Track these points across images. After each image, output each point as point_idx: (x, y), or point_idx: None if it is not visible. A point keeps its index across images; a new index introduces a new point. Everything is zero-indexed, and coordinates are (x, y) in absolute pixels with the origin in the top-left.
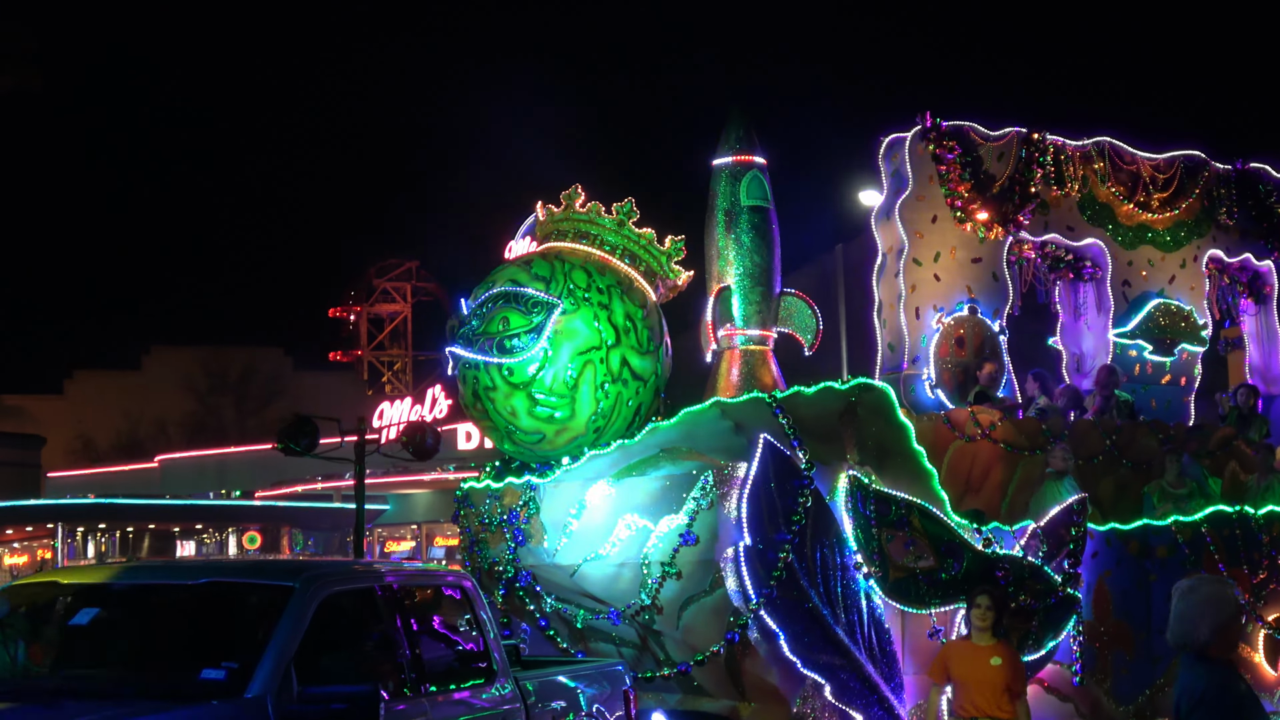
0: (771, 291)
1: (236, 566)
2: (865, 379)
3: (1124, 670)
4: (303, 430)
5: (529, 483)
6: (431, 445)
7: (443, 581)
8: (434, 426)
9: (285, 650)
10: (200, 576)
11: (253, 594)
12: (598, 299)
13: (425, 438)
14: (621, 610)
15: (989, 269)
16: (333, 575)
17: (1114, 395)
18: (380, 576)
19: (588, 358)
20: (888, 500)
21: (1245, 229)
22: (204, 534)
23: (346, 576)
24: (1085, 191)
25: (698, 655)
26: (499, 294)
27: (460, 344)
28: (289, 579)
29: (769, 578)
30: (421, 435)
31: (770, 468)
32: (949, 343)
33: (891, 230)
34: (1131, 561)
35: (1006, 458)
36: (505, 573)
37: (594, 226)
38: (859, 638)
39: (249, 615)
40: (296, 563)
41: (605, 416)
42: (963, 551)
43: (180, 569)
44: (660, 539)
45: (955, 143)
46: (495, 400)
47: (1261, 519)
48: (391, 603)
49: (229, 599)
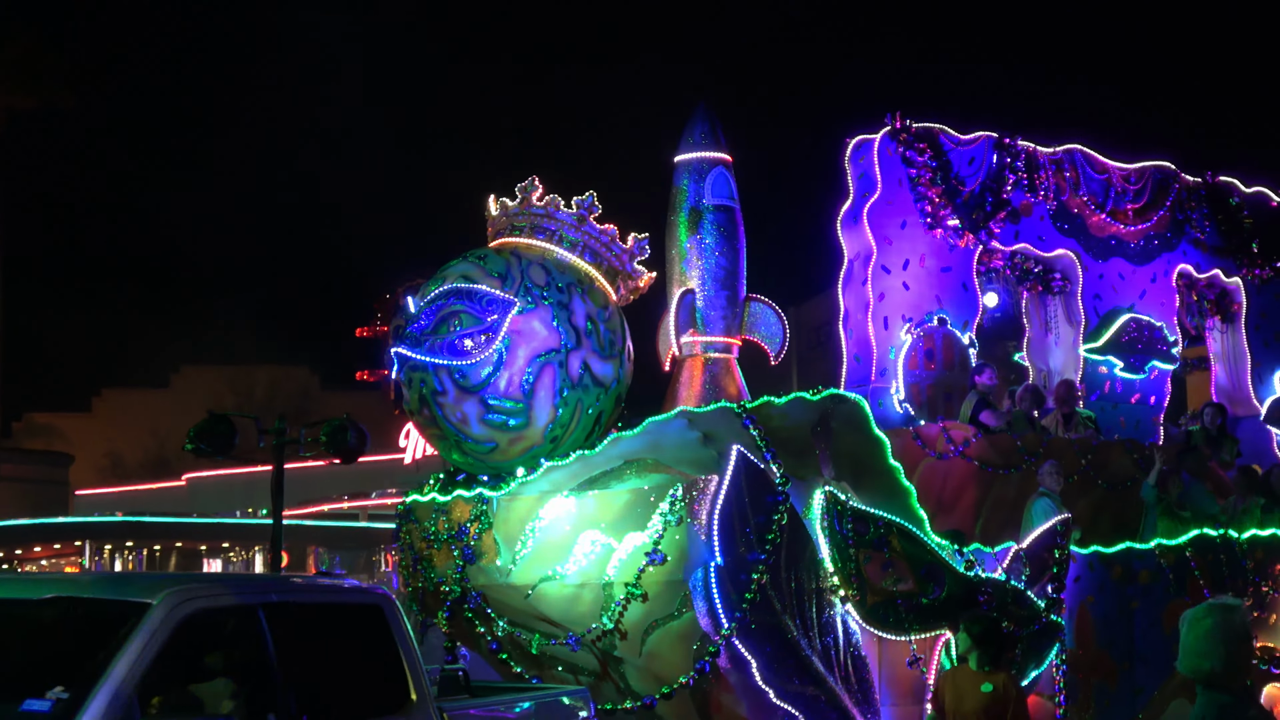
0: (737, 296)
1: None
2: (837, 390)
3: (1106, 703)
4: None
5: (480, 495)
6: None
7: (350, 599)
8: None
9: (128, 678)
10: (46, 590)
11: (101, 611)
12: (557, 298)
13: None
14: (581, 635)
15: (959, 279)
16: (204, 591)
17: (1075, 413)
18: (266, 593)
19: (546, 360)
20: (866, 519)
21: (1215, 244)
22: (230, 552)
23: (221, 593)
24: (1057, 200)
25: (664, 687)
26: (450, 291)
27: (407, 344)
28: (146, 595)
29: (741, 601)
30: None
31: (743, 482)
32: (918, 355)
33: (859, 235)
34: (1114, 587)
35: (981, 476)
36: (452, 593)
37: (552, 221)
38: (835, 666)
39: (94, 636)
40: (167, 576)
41: (563, 425)
42: (944, 575)
43: (27, 582)
44: (624, 557)
45: (926, 145)
46: (444, 406)
47: (1245, 543)
48: (280, 623)
49: (75, 617)
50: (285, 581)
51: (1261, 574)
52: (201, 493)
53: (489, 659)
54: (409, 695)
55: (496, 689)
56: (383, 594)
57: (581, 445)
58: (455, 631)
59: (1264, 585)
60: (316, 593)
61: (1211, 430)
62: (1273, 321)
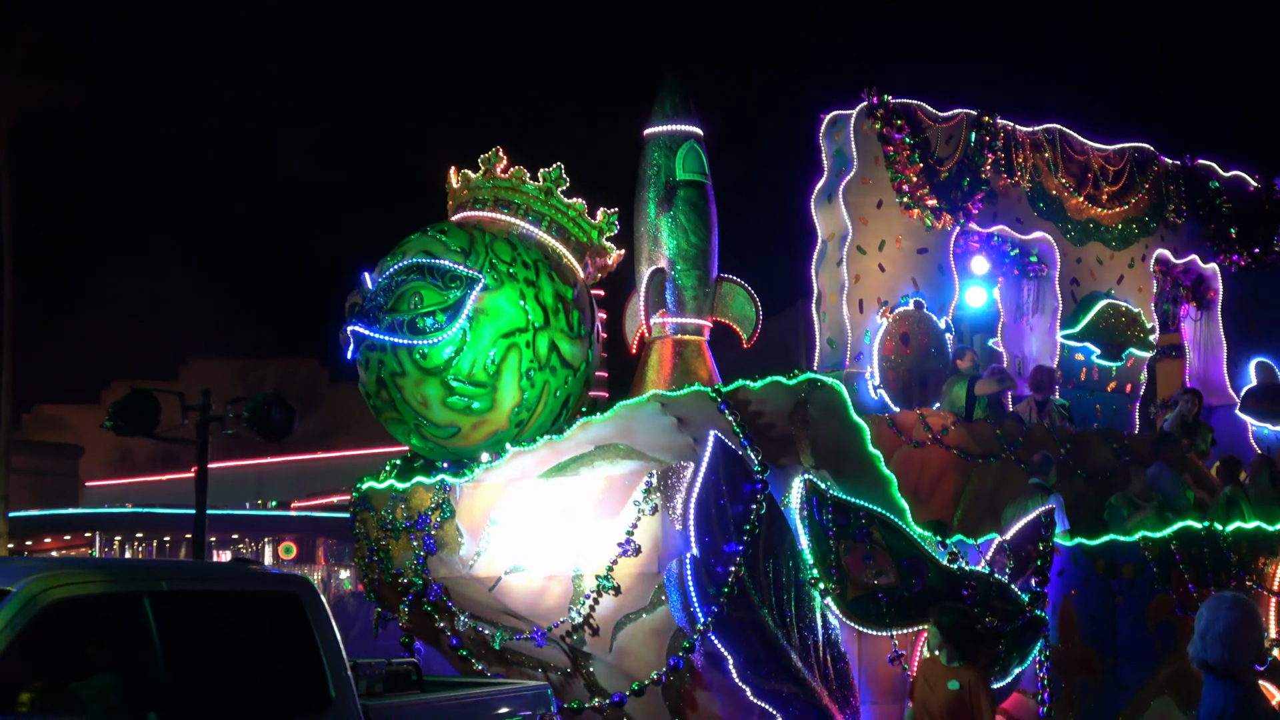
0: (709, 276)
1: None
2: (814, 374)
3: (1089, 701)
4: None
5: (442, 482)
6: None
7: (261, 586)
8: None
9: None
10: None
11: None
12: (524, 275)
13: (270, 412)
14: (548, 630)
15: (935, 261)
16: (73, 578)
17: (1050, 400)
18: (155, 580)
19: (512, 341)
20: (847, 509)
21: (1193, 229)
22: (240, 544)
23: (94, 580)
24: (1035, 182)
25: (635, 684)
26: (410, 266)
27: (363, 322)
28: (6, 581)
29: (718, 594)
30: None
31: (721, 469)
32: (893, 340)
33: (833, 215)
34: (1098, 581)
35: (959, 465)
36: (412, 585)
37: (517, 195)
38: (814, 663)
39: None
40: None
41: (530, 409)
42: (926, 567)
43: None
44: (595, 548)
45: (903, 122)
46: (404, 388)
47: (1229, 536)
48: (171, 614)
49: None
50: (181, 568)
51: (1245, 569)
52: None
53: (449, 656)
54: (327, 693)
55: (449, 684)
56: (300, 581)
57: (548, 430)
58: (414, 626)
59: (1248, 580)
60: (219, 580)
61: (1189, 418)
62: (1249, 309)
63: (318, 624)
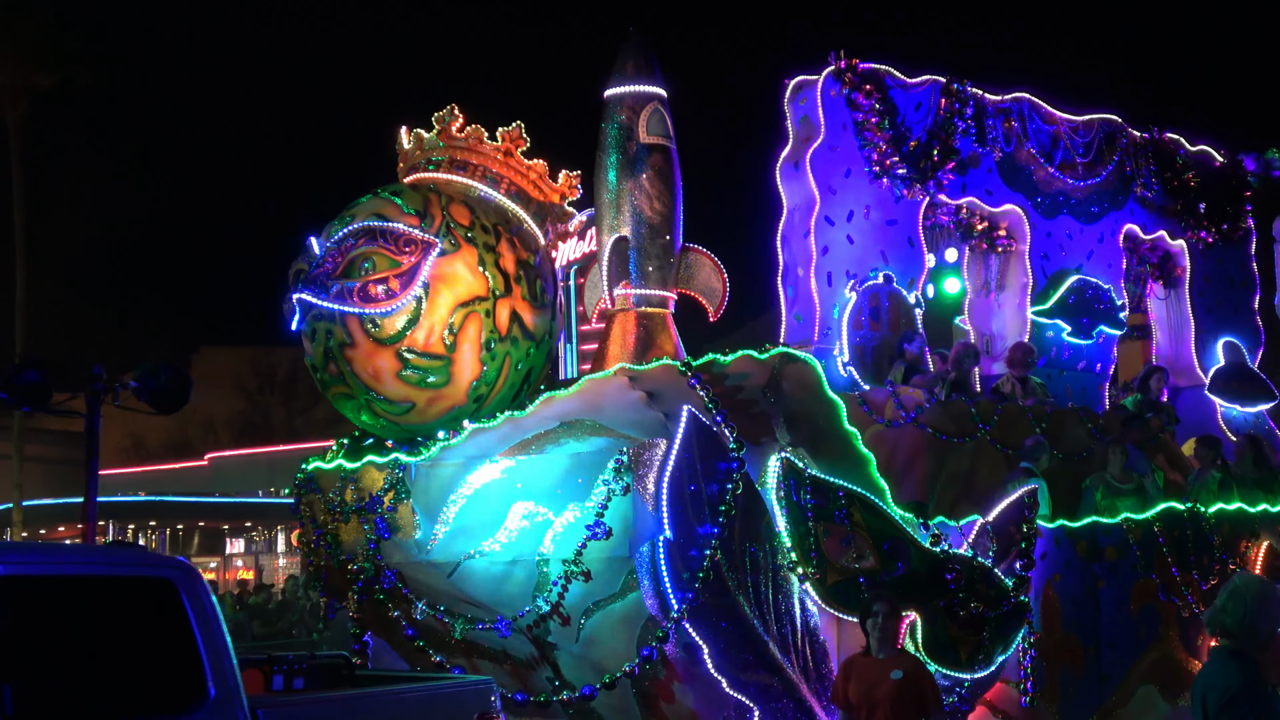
0: (673, 246)
1: None
2: (787, 348)
3: (1071, 689)
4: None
5: (396, 461)
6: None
7: (129, 571)
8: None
9: None
10: None
11: None
12: (484, 239)
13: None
14: (512, 619)
15: (904, 233)
16: None
17: (1029, 378)
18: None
19: (471, 310)
20: (826, 489)
21: (1161, 203)
22: (253, 532)
23: None
24: (1006, 152)
25: (605, 676)
26: (361, 230)
27: (311, 290)
28: None
29: (693, 580)
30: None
31: (695, 446)
32: (862, 315)
33: (800, 184)
34: (1080, 564)
35: (934, 446)
36: (363, 572)
37: (475, 155)
38: (792, 652)
39: None
40: None
41: (490, 383)
42: (909, 551)
43: None
44: (562, 531)
45: (873, 87)
46: (354, 361)
47: (1212, 519)
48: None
49: None
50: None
51: (1228, 551)
52: (224, 472)
53: (402, 648)
54: (205, 691)
55: (385, 679)
56: (177, 566)
57: (509, 405)
58: (365, 617)
59: (1230, 564)
60: (75, 563)
61: (1156, 398)
62: (1216, 287)
63: (197, 614)
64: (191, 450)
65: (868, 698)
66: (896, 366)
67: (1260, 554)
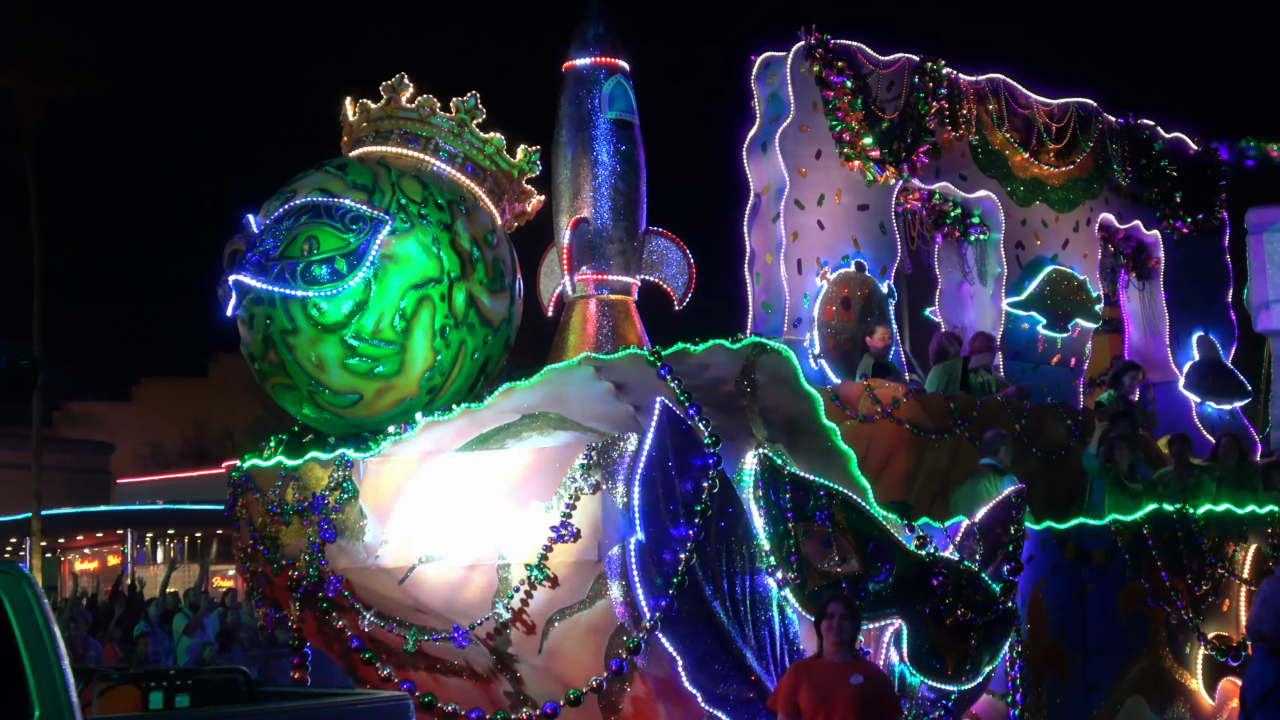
0: (637, 229)
1: None
2: (760, 338)
3: (1058, 700)
4: None
5: (343, 458)
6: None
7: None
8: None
9: None
10: None
11: None
12: (437, 217)
13: None
14: (470, 628)
15: (876, 218)
16: None
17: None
18: None
19: (424, 293)
20: (806, 488)
21: (1136, 192)
22: None
23: None
24: (979, 135)
25: (571, 691)
26: (303, 206)
27: (249, 271)
28: None
29: (667, 585)
30: None
31: (669, 442)
32: (833, 305)
33: (769, 165)
34: (1068, 568)
35: (911, 442)
36: (305, 578)
37: (426, 128)
38: (770, 662)
39: None
40: None
41: (444, 373)
42: (893, 553)
43: None
44: (525, 533)
45: (845, 64)
46: (296, 348)
47: (1201, 520)
48: None
49: None
50: None
51: (1217, 554)
52: None
53: (345, 660)
54: (28, 710)
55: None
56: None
57: (464, 398)
58: (307, 628)
59: (1219, 568)
60: None
61: (1128, 394)
62: (1190, 280)
63: (22, 624)
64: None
65: (824, 703)
66: (864, 362)
67: (1248, 557)
